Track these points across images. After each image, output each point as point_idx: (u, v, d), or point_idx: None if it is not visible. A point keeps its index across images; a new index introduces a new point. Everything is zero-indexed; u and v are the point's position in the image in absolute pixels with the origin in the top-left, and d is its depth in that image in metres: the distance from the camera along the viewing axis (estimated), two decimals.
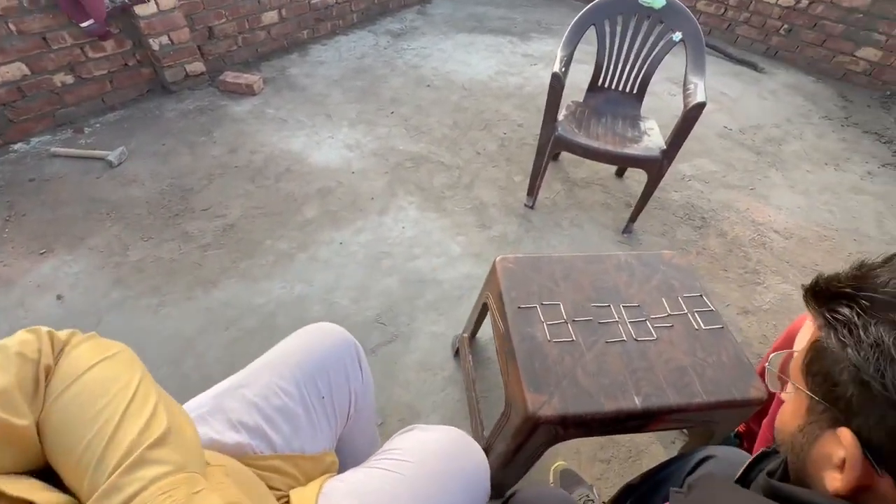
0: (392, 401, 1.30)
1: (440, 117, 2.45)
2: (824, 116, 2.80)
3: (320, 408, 0.72)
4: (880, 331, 0.33)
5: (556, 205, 2.00)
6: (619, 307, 0.99)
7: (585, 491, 1.11)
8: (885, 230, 2.06)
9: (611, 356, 0.90)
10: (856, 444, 0.33)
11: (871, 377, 0.32)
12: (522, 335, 0.92)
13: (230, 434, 0.62)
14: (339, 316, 1.49)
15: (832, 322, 0.37)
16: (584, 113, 1.85)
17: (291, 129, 2.27)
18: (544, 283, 1.02)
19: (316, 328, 0.80)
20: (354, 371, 0.79)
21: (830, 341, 0.36)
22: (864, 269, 0.38)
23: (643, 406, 0.83)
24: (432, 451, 0.70)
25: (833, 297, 0.38)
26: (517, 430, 0.87)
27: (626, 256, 1.11)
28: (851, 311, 0.35)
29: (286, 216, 1.82)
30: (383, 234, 1.78)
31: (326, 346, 0.77)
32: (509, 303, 0.97)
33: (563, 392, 0.84)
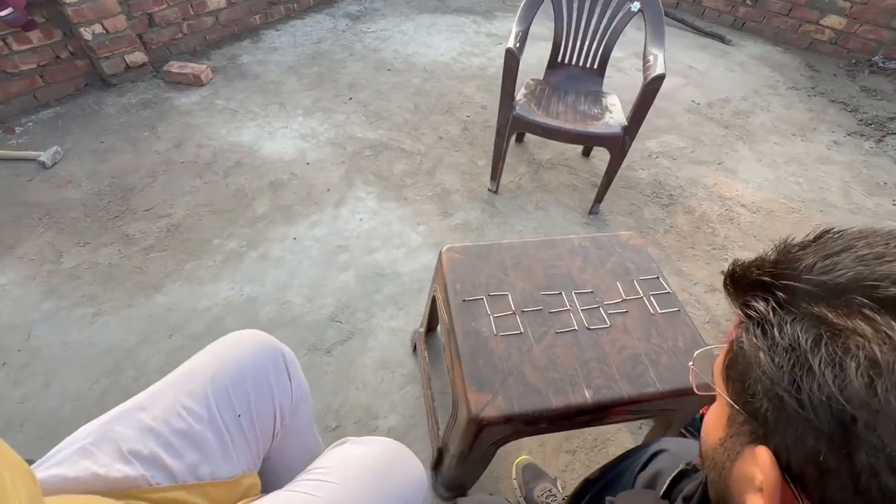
0: (348, 402, 1.24)
1: (401, 102, 2.35)
2: (791, 87, 2.77)
3: (236, 428, 0.65)
4: (797, 330, 0.27)
5: (521, 188, 1.93)
6: (572, 294, 0.94)
7: (549, 485, 1.07)
8: (850, 200, 2.05)
9: (561, 348, 0.85)
10: (773, 467, 0.28)
11: (785, 391, 0.26)
12: (467, 331, 0.85)
13: (118, 466, 0.55)
14: (291, 316, 1.42)
15: (745, 320, 0.30)
16: (543, 91, 1.77)
17: (242, 121, 2.15)
18: (493, 272, 0.96)
19: (233, 337, 0.72)
20: (281, 382, 0.72)
21: (743, 342, 0.30)
22: (787, 251, 0.31)
23: (594, 399, 0.78)
24: (360, 469, 0.64)
25: (750, 287, 0.32)
26: (464, 432, 0.81)
27: (581, 240, 1.05)
28: (767, 304, 0.29)
29: (236, 213, 1.72)
30: (340, 228, 1.70)
31: (244, 358, 0.69)
32: (454, 296, 0.91)
33: (508, 390, 0.78)
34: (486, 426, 0.76)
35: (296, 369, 0.76)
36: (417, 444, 1.17)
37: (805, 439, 0.26)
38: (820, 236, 0.31)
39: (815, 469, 0.26)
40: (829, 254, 0.29)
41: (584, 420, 0.81)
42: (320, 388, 1.26)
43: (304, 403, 0.78)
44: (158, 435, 0.59)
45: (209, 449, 0.61)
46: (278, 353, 0.72)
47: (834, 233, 0.31)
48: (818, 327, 0.26)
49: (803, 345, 0.26)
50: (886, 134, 2.43)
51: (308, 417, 0.81)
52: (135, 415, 0.61)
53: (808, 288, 0.28)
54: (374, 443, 0.68)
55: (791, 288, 0.29)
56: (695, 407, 0.93)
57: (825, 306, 0.27)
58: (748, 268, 0.32)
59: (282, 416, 0.71)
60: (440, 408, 1.20)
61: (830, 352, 0.25)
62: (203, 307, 1.42)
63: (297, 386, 0.75)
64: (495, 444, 0.84)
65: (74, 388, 1.22)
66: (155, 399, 0.63)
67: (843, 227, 0.31)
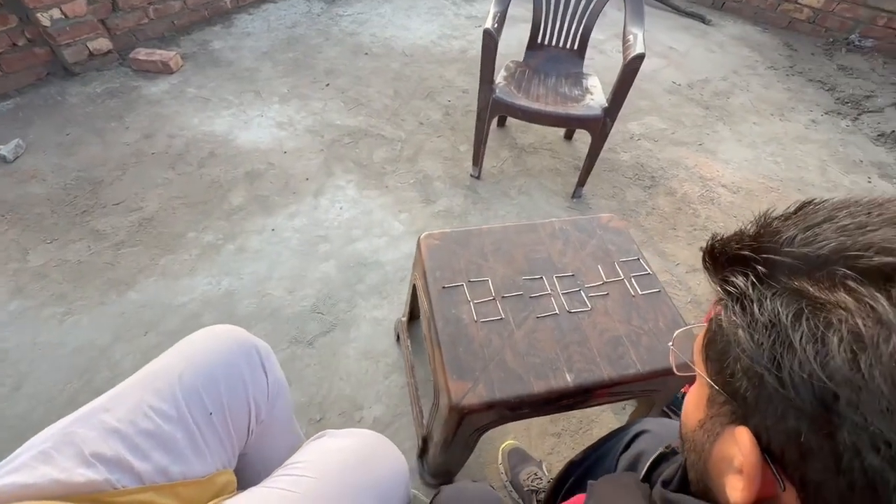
0: (332, 394, 1.22)
1: (380, 87, 2.30)
2: (770, 67, 2.78)
3: (208, 426, 0.63)
4: (777, 305, 0.25)
5: (504, 173, 1.91)
6: (553, 278, 0.93)
7: (534, 469, 1.08)
8: (827, 177, 2.07)
9: (542, 332, 0.84)
10: (754, 449, 0.27)
11: (766, 369, 0.25)
12: (447, 318, 0.84)
13: (80, 471, 0.53)
14: (272, 308, 1.39)
15: (723, 296, 0.29)
16: (523, 73, 1.75)
17: (215, 109, 2.07)
18: (472, 258, 0.95)
19: (203, 333, 0.70)
20: (256, 378, 0.69)
21: (722, 320, 0.29)
22: (767, 224, 0.30)
23: (576, 383, 0.78)
24: (338, 462, 0.62)
25: (729, 262, 0.30)
26: (446, 420, 0.80)
27: (561, 223, 1.04)
28: (746, 280, 0.28)
29: (211, 205, 1.67)
30: (319, 217, 1.66)
31: (215, 354, 0.66)
32: (433, 283, 0.89)
33: (489, 377, 0.77)
34: (467, 414, 0.75)
35: (272, 364, 0.73)
36: (403, 433, 1.16)
37: (786, 419, 0.25)
38: (800, 208, 0.30)
39: (795, 449, 0.25)
40: (810, 225, 0.27)
41: (567, 404, 0.81)
42: (303, 380, 1.24)
43: (282, 398, 0.76)
44: (124, 436, 0.56)
45: (179, 448, 0.59)
46: (252, 347, 0.70)
47: (814, 204, 0.29)
48: (799, 301, 0.25)
49: (783, 320, 0.25)
50: (862, 112, 2.47)
51: (286, 412, 0.79)
52: (98, 416, 0.58)
53: (789, 261, 0.27)
54: (353, 435, 0.67)
55: (771, 261, 0.27)
56: (676, 386, 0.94)
57: (806, 279, 0.25)
58: (727, 242, 0.31)
59: (257, 412, 0.69)
60: (424, 395, 1.19)
61: (812, 327, 0.24)
62: (179, 303, 1.38)
63: (274, 381, 0.73)
64: (478, 430, 0.83)
65: (46, 391, 1.18)
66: (119, 400, 0.60)
67: (824, 199, 0.30)
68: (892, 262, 0.23)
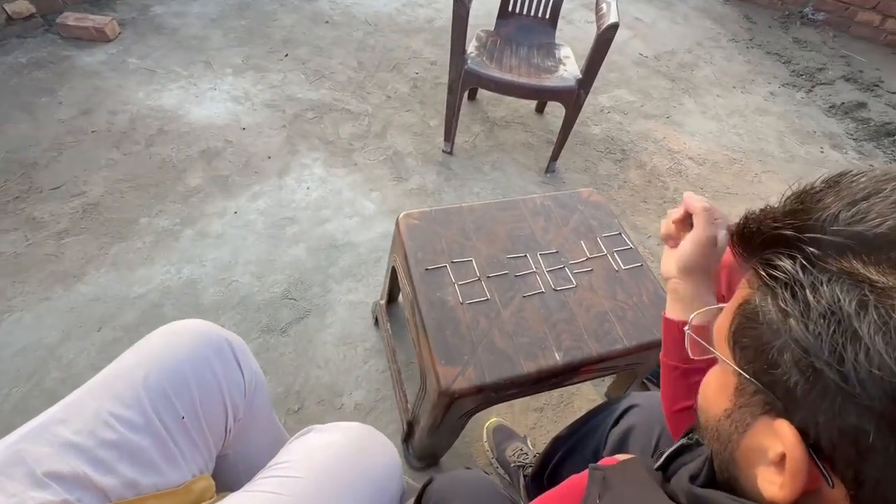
0: (309, 383, 1.18)
1: (343, 58, 2.17)
2: (731, 39, 2.83)
3: (180, 431, 0.57)
4: (836, 292, 0.23)
5: (476, 148, 1.87)
6: (537, 256, 0.91)
7: (519, 444, 1.09)
8: (785, 148, 2.15)
9: (529, 311, 0.82)
10: (799, 444, 0.25)
11: (825, 363, 0.23)
12: (431, 301, 0.81)
13: (32, 494, 0.47)
14: (240, 296, 1.31)
15: (768, 280, 0.27)
16: (495, 43, 1.68)
17: (162, 82, 1.90)
18: (454, 238, 0.91)
19: (166, 330, 0.63)
20: (230, 374, 0.64)
21: (766, 306, 0.27)
22: (806, 198, 0.27)
23: (564, 361, 0.77)
24: (327, 459, 0.59)
25: (768, 243, 0.28)
26: (434, 406, 0.78)
27: (542, 199, 1.02)
28: (794, 263, 0.25)
29: (164, 187, 1.54)
30: (285, 198, 1.57)
31: (182, 351, 0.61)
32: (415, 265, 0.85)
33: (478, 360, 0.75)
34: (457, 399, 0.73)
35: (246, 357, 0.68)
36: (386, 417, 1.14)
37: (844, 415, 0.23)
38: (836, 181, 0.27)
39: (852, 447, 0.23)
40: (856, 199, 0.25)
41: (555, 382, 0.81)
42: (278, 370, 1.19)
43: (260, 392, 0.71)
44: (83, 450, 0.51)
45: (148, 458, 0.54)
46: (222, 341, 0.64)
47: (852, 175, 0.27)
48: (860, 287, 0.23)
49: (846, 308, 0.23)
50: (815, 84, 2.56)
51: (266, 406, 0.74)
52: (51, 430, 0.52)
53: (839, 241, 0.24)
54: (340, 429, 0.63)
55: (818, 241, 0.25)
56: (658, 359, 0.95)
57: (863, 262, 0.23)
58: (762, 221, 0.29)
59: (234, 410, 0.64)
60: (407, 379, 1.17)
61: (882, 314, 0.22)
62: (136, 294, 1.28)
63: (250, 375, 0.68)
64: (467, 414, 0.82)
65: None
66: (75, 409, 0.54)
67: (860, 169, 0.28)
68: None
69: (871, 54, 2.88)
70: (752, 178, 1.97)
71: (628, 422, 0.70)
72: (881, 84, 2.62)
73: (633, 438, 0.68)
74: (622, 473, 0.39)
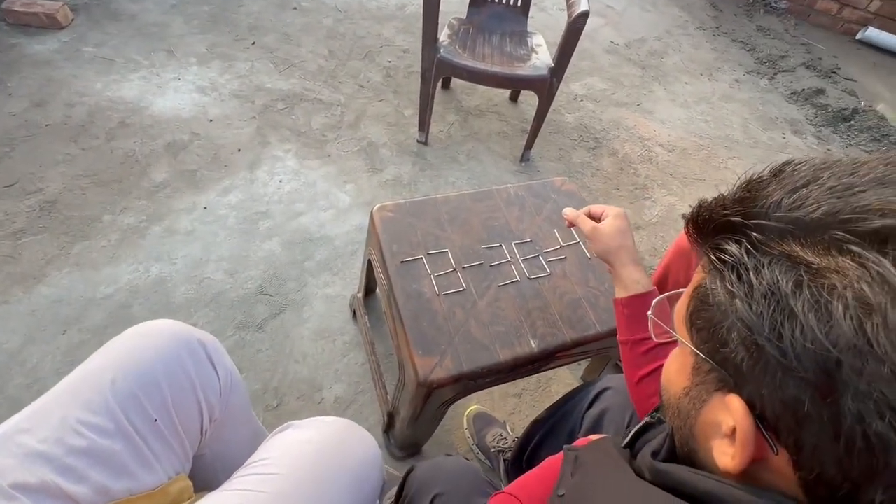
0: (288, 378, 1.17)
1: (313, 46, 2.12)
2: (699, 27, 2.89)
3: (154, 434, 0.56)
4: (775, 273, 0.25)
5: (452, 137, 1.86)
6: (511, 245, 0.92)
7: (499, 430, 1.11)
8: (749, 135, 2.23)
9: (505, 300, 0.84)
10: (747, 416, 0.27)
11: (766, 339, 0.25)
12: (408, 293, 0.81)
13: None
14: (213, 294, 1.28)
15: (717, 264, 0.28)
16: (468, 31, 1.67)
17: (121, 72, 1.81)
18: (429, 229, 0.91)
19: (134, 331, 0.62)
20: (204, 374, 0.63)
21: (716, 289, 0.28)
22: (752, 187, 0.29)
23: (540, 348, 0.79)
24: (306, 454, 0.59)
25: (718, 230, 0.29)
26: (413, 396, 0.79)
27: (516, 188, 1.03)
28: (740, 247, 0.27)
29: (128, 182, 1.48)
30: (257, 192, 1.53)
31: (152, 353, 0.59)
32: (391, 258, 0.85)
33: (455, 349, 0.76)
34: (435, 389, 0.74)
35: (220, 356, 0.67)
36: (367, 409, 1.14)
37: (784, 387, 0.25)
38: (780, 170, 0.29)
39: (792, 416, 0.25)
40: (795, 187, 0.27)
41: (532, 368, 0.82)
42: (255, 367, 1.17)
43: (236, 391, 0.70)
44: (51, 459, 0.49)
45: (121, 462, 0.53)
46: (194, 341, 0.63)
47: (793, 165, 0.29)
48: (797, 268, 0.24)
49: (783, 288, 0.24)
50: (778, 72, 2.65)
51: (243, 404, 0.74)
52: (15, 439, 0.50)
53: (780, 226, 0.26)
54: (319, 424, 0.64)
55: (762, 227, 0.27)
56: None
57: (801, 244, 0.25)
58: (713, 208, 0.30)
59: (209, 410, 0.63)
60: (387, 371, 1.17)
61: (814, 293, 0.23)
62: (102, 295, 1.24)
63: (225, 374, 0.67)
64: (446, 403, 0.83)
65: None
66: (40, 417, 0.52)
67: (801, 159, 0.29)
68: (892, 224, 0.23)
69: (829, 42, 2.99)
70: (718, 164, 2.03)
71: (602, 404, 0.73)
72: (838, 71, 2.73)
73: (608, 420, 0.71)
74: (593, 452, 0.41)
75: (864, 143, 2.30)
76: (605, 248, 0.68)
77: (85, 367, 0.58)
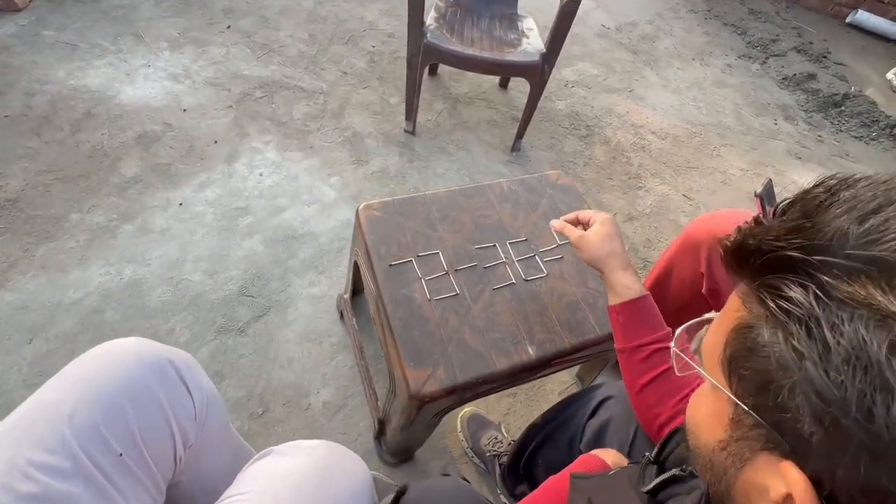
0: (273, 384, 1.12)
1: (292, 30, 2.01)
2: (690, 10, 2.83)
3: (120, 470, 0.51)
4: (860, 332, 0.20)
5: (440, 126, 1.79)
6: (506, 245, 0.87)
7: (494, 432, 1.08)
8: (742, 121, 2.20)
9: (500, 304, 0.79)
10: (810, 492, 0.22)
11: (852, 419, 0.20)
12: (397, 299, 0.76)
13: None
14: (191, 296, 1.21)
15: (778, 314, 0.23)
16: (455, 14, 1.59)
17: (86, 58, 1.70)
18: (419, 228, 0.86)
19: (96, 355, 0.56)
20: (176, 398, 0.57)
21: (776, 343, 0.23)
22: (808, 210, 0.24)
23: (538, 355, 0.75)
24: (289, 487, 0.54)
25: (771, 266, 0.24)
26: (405, 408, 0.74)
27: (510, 183, 0.98)
28: (807, 294, 0.22)
29: (96, 178, 1.39)
30: (236, 186, 1.45)
31: (115, 380, 0.53)
32: (378, 261, 0.80)
33: (448, 360, 0.71)
34: (428, 402, 0.69)
35: (193, 374, 0.61)
36: (357, 414, 1.10)
37: (871, 476, 0.20)
38: (836, 188, 0.24)
39: (874, 501, 0.21)
40: (865, 213, 0.22)
41: (529, 376, 0.79)
42: (238, 372, 1.12)
43: (214, 411, 0.65)
44: None
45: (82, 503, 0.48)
46: (164, 361, 0.58)
47: (851, 182, 0.24)
48: (888, 326, 0.19)
49: (873, 353, 0.19)
50: (769, 56, 2.61)
51: (221, 423, 0.68)
52: None
53: (855, 265, 0.21)
54: (303, 450, 0.59)
55: (830, 265, 0.22)
56: None
57: (883, 291, 0.20)
58: (762, 238, 0.25)
59: (184, 438, 0.58)
60: (377, 374, 1.13)
61: None
62: (71, 300, 1.16)
63: (200, 395, 0.61)
64: (439, 413, 0.79)
65: None
66: None
67: (856, 175, 0.24)
68: None
69: (820, 25, 2.97)
70: (711, 152, 2.00)
71: (605, 414, 0.69)
72: (828, 55, 2.71)
73: (611, 431, 0.68)
74: (607, 492, 0.36)
75: (854, 129, 2.29)
76: (593, 256, 0.67)
77: (38, 397, 0.52)
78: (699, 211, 1.76)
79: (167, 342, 1.12)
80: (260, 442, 1.04)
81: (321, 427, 1.08)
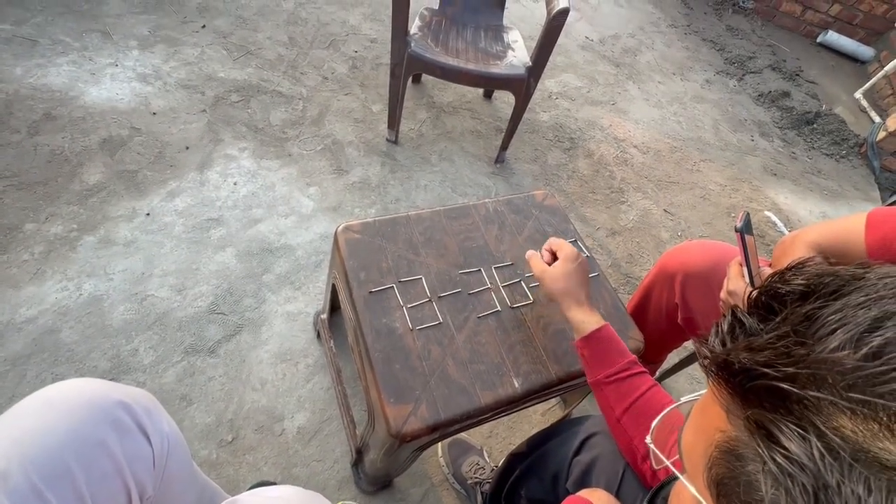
0: (244, 408, 1.06)
1: (271, 32, 1.94)
2: (671, 25, 2.88)
3: None
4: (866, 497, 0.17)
5: (423, 136, 1.76)
6: (491, 270, 0.84)
7: (476, 458, 1.05)
8: (720, 136, 2.23)
9: (485, 334, 0.76)
10: None
11: None
12: (378, 330, 0.72)
13: None
14: (157, 314, 1.14)
15: (772, 466, 0.21)
16: (440, 24, 1.56)
17: (47, 55, 1.60)
18: (401, 252, 0.82)
19: (38, 402, 0.50)
20: (132, 447, 0.52)
21: (775, 495, 0.21)
22: (794, 319, 0.22)
23: (524, 388, 0.72)
24: None
25: (760, 394, 0.22)
26: (383, 443, 0.70)
27: (495, 203, 0.95)
28: (807, 447, 0.19)
29: (55, 185, 1.30)
30: (208, 196, 1.39)
31: (59, 432, 0.48)
32: (358, 287, 0.76)
33: (431, 395, 0.68)
34: (409, 440, 0.66)
35: (152, 417, 0.56)
36: (334, 440, 1.05)
37: None
38: (813, 286, 0.21)
39: None
40: (860, 333, 0.19)
41: (513, 408, 0.76)
42: (207, 397, 1.06)
43: (175, 454, 0.60)
44: None
45: None
46: (116, 407, 0.52)
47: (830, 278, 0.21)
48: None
49: None
50: (746, 73, 2.68)
51: (183, 466, 0.63)
52: None
53: (857, 409, 0.19)
54: (266, 500, 0.54)
55: (829, 406, 0.19)
56: None
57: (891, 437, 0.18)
58: (751, 357, 0.22)
59: (140, 489, 0.53)
60: (354, 396, 1.09)
61: None
62: (23, 318, 1.08)
63: (160, 440, 0.56)
64: (419, 449, 0.75)
65: None
66: None
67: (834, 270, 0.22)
68: None
69: (793, 43, 3.06)
70: (691, 167, 2.03)
71: (592, 452, 0.67)
72: (801, 73, 2.79)
73: (598, 469, 0.65)
74: None
75: (825, 147, 2.36)
76: (550, 292, 0.70)
77: None
78: (680, 226, 1.77)
79: (130, 364, 1.07)
80: (229, 471, 0.98)
81: (295, 454, 1.02)
